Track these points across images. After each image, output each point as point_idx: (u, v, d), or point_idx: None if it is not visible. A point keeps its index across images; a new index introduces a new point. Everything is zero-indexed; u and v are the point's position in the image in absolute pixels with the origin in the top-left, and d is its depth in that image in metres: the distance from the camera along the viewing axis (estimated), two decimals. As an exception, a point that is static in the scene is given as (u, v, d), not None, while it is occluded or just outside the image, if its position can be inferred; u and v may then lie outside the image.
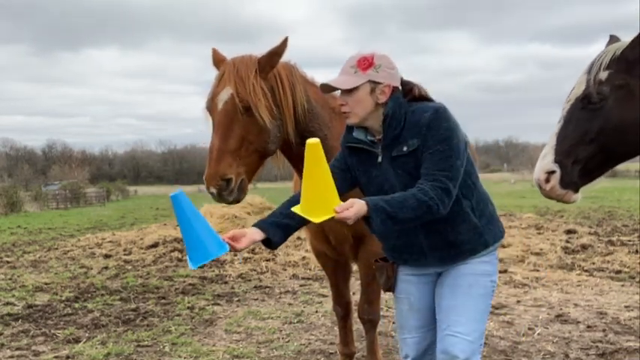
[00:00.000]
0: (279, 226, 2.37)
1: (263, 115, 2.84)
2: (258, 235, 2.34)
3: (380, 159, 2.41)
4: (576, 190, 2.53)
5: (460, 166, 2.28)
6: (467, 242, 2.40)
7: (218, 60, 3.04)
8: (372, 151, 2.44)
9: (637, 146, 2.51)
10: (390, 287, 2.65)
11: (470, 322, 2.40)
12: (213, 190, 2.75)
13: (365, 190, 2.53)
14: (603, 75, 2.48)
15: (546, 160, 2.49)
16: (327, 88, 2.44)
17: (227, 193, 2.79)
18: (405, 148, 2.33)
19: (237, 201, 2.87)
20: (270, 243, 2.37)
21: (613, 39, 2.73)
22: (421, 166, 2.30)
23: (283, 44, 2.93)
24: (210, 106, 2.90)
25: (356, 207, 2.15)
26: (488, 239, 2.44)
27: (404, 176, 2.35)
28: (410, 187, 2.29)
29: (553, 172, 2.47)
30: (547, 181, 2.48)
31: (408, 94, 2.44)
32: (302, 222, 2.36)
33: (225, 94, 2.84)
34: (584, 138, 2.47)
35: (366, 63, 2.35)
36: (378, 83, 2.35)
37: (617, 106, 2.45)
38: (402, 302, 2.63)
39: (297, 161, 3.19)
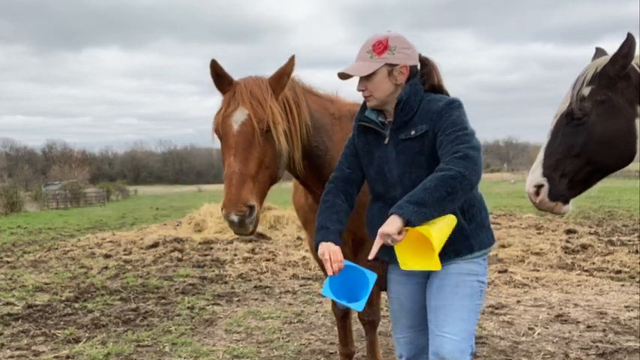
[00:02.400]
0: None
1: (281, 139, 2.70)
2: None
3: (387, 141, 2.45)
4: (566, 202, 2.63)
5: (478, 143, 2.28)
6: (451, 243, 2.37)
7: (220, 75, 2.79)
8: (381, 132, 2.47)
9: (622, 159, 2.61)
10: (382, 287, 2.68)
11: (457, 321, 2.39)
12: (234, 218, 2.48)
13: (365, 171, 2.56)
14: (586, 91, 2.57)
15: (535, 174, 2.60)
16: (344, 76, 2.44)
17: (249, 221, 2.55)
18: (412, 132, 2.36)
19: (252, 233, 2.68)
20: None
21: (599, 52, 2.80)
22: (431, 151, 2.32)
23: (290, 63, 2.79)
24: (222, 127, 2.68)
25: (391, 224, 2.13)
26: (474, 244, 2.43)
27: (405, 161, 2.38)
28: (406, 172, 2.35)
29: (541, 185, 2.58)
30: (536, 194, 2.59)
31: (427, 79, 2.45)
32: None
33: (241, 114, 2.64)
34: (570, 152, 2.57)
35: (381, 46, 2.37)
36: (395, 65, 2.38)
37: (599, 121, 2.53)
38: (394, 302, 2.66)
39: (296, 174, 3.14)
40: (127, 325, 5.73)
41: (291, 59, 2.81)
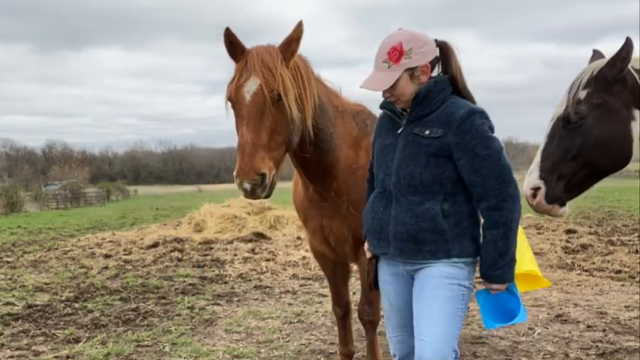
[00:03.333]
0: None
1: (292, 106, 2.74)
2: None
3: (400, 130, 2.46)
4: (562, 205, 2.66)
5: (508, 161, 2.34)
6: (428, 243, 2.36)
7: (234, 43, 2.80)
8: (397, 121, 2.49)
9: (618, 162, 2.64)
10: (370, 284, 2.70)
11: (437, 325, 2.36)
12: (247, 186, 2.61)
13: (376, 158, 2.58)
14: (582, 94, 2.60)
15: (532, 177, 2.64)
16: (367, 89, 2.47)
17: (261, 189, 2.67)
18: (427, 132, 2.36)
19: (268, 197, 2.75)
20: None
21: (596, 54, 2.82)
22: (434, 152, 2.35)
23: (299, 29, 2.81)
24: (235, 97, 2.73)
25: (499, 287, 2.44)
26: (452, 249, 2.37)
27: (407, 153, 2.39)
28: (403, 164, 2.37)
29: (538, 188, 2.62)
30: (533, 196, 2.63)
31: (446, 66, 2.44)
32: None
33: (253, 84, 2.69)
34: (566, 155, 2.60)
35: (396, 53, 2.34)
36: (415, 67, 2.36)
37: (596, 124, 2.56)
38: (385, 301, 2.67)
39: (300, 160, 3.15)
40: (127, 325, 5.72)
41: (299, 25, 2.82)
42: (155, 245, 11.15)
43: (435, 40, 2.44)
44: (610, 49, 2.64)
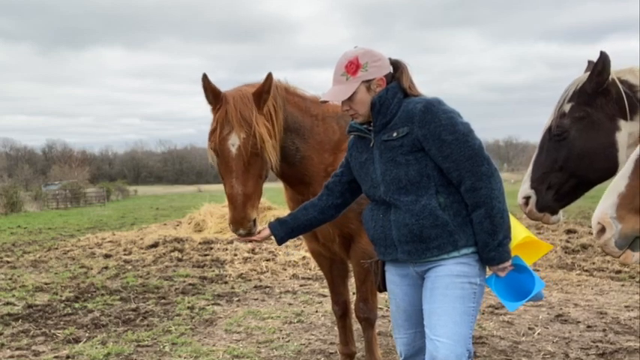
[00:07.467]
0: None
1: (272, 157, 2.98)
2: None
3: (372, 144, 2.53)
4: (554, 213, 2.75)
5: (477, 141, 2.36)
6: (434, 238, 2.37)
7: (210, 89, 2.97)
8: (367, 136, 2.57)
9: (604, 172, 2.69)
10: (378, 286, 2.74)
11: (449, 325, 2.36)
12: (242, 232, 2.90)
13: (357, 176, 2.64)
14: (566, 107, 2.71)
15: (524, 187, 2.73)
16: (326, 101, 2.61)
17: (254, 230, 2.95)
18: (394, 134, 2.44)
19: None
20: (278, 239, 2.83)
21: (591, 65, 2.84)
22: (409, 150, 2.39)
23: (268, 81, 2.97)
24: (220, 150, 2.91)
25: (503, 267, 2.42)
26: (459, 239, 2.37)
27: (385, 160, 2.45)
28: (387, 171, 2.43)
29: (529, 197, 2.71)
30: (525, 205, 2.73)
31: (399, 82, 2.52)
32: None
33: (236, 138, 2.88)
34: (554, 166, 2.68)
35: (353, 67, 2.48)
36: (371, 80, 2.48)
37: (579, 137, 2.63)
38: (392, 302, 2.68)
39: (281, 175, 3.35)
40: (127, 325, 5.73)
41: (268, 77, 2.97)
42: (155, 245, 11.16)
43: (390, 59, 2.56)
44: (613, 50, 2.66)
